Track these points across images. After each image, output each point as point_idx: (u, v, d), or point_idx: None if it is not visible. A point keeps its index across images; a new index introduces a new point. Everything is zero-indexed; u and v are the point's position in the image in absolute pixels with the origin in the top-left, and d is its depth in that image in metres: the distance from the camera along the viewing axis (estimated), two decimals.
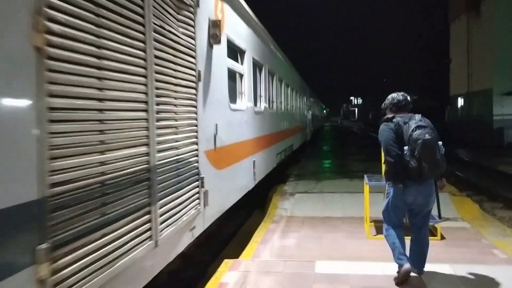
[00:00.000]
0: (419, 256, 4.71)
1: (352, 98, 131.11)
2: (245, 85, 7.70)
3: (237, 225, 8.46)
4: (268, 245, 6.55)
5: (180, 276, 5.73)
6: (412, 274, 4.62)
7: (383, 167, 5.05)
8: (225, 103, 6.14)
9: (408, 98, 4.58)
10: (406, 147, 4.19)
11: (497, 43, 25.84)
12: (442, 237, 6.62)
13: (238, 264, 5.20)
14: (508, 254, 5.78)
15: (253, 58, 8.23)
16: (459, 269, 5.00)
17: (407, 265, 4.48)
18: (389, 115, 4.50)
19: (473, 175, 15.09)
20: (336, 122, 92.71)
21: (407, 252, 4.68)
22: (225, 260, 5.35)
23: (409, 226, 4.80)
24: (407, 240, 4.78)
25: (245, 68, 7.66)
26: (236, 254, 6.22)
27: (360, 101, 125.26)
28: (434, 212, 7.17)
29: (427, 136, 4.05)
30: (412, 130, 4.14)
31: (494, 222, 7.70)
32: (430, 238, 6.33)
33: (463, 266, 5.20)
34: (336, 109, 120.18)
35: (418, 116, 4.32)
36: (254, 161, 8.10)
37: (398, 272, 4.60)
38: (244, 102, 7.69)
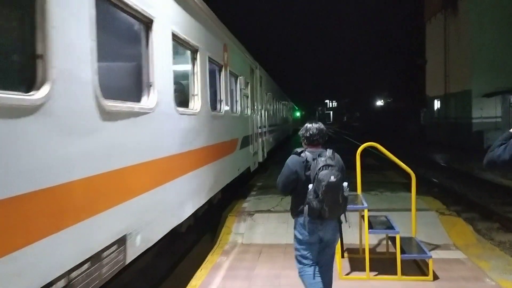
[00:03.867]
0: None
1: (327, 101, 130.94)
2: None
3: (179, 256, 6.81)
4: None
5: None
6: None
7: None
8: None
9: (324, 130, 4.26)
10: (311, 185, 3.90)
11: (475, 41, 24.80)
12: (435, 276, 5.14)
13: None
14: None
15: None
16: None
17: None
18: (303, 148, 4.21)
19: (457, 185, 13.71)
20: None
21: None
22: None
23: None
24: None
25: None
26: None
27: (335, 104, 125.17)
28: (426, 240, 5.76)
29: (332, 179, 3.77)
30: (319, 169, 3.84)
31: (494, 250, 6.25)
32: (420, 278, 5.00)
33: None
34: (312, 112, 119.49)
35: (328, 152, 4.06)
36: None
37: None
38: None
